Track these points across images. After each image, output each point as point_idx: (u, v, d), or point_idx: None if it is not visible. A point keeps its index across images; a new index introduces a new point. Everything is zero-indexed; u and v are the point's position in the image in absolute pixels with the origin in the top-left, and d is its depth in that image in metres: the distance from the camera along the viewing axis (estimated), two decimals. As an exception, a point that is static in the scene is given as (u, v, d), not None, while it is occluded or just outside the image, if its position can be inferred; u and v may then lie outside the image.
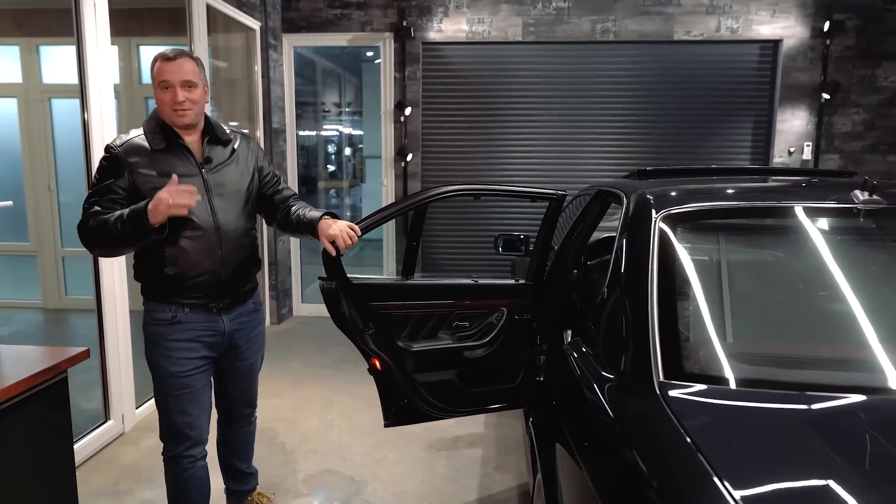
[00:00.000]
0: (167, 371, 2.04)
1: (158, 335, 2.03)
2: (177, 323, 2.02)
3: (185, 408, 2.06)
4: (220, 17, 4.46)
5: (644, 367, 1.33)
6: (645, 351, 1.36)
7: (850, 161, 5.05)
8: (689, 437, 1.10)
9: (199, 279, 2.00)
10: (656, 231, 1.65)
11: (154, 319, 2.03)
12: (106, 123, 3.08)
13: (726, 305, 1.48)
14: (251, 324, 2.21)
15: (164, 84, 1.92)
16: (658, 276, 1.51)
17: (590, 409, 1.43)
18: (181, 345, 2.03)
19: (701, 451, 1.06)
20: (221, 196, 2.04)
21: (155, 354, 2.05)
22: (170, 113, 1.94)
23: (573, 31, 5.09)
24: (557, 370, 1.80)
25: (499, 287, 2.66)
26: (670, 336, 1.38)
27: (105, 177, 1.94)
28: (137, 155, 1.94)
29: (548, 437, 1.62)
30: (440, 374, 2.51)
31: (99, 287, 3.14)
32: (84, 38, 2.96)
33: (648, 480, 1.09)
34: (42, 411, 1.92)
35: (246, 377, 2.28)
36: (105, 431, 3.14)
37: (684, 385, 1.28)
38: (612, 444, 1.26)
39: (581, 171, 5.30)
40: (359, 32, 5.25)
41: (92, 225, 1.90)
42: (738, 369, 1.32)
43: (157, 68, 1.93)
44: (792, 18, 4.95)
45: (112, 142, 1.99)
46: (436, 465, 2.98)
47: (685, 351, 1.36)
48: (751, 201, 1.72)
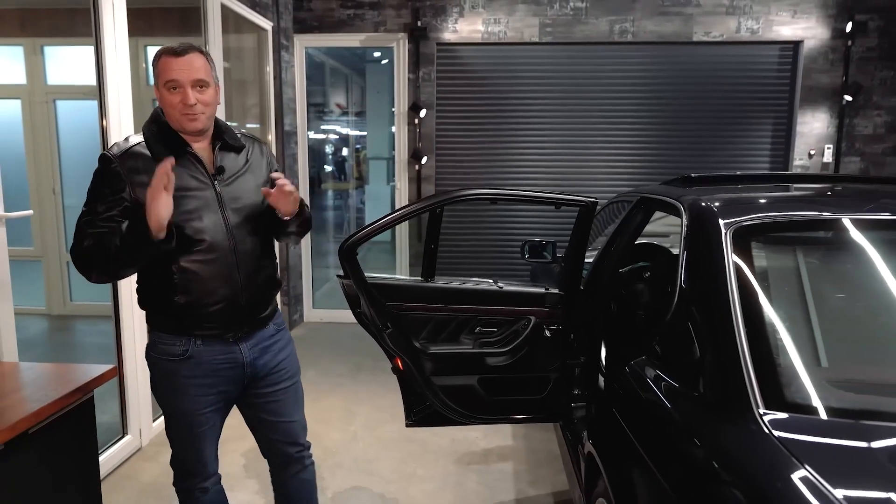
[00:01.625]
0: (178, 409, 1.80)
1: (169, 371, 1.77)
2: (189, 358, 1.75)
3: (197, 445, 1.85)
4: (232, 17, 4.35)
5: (741, 396, 1.24)
6: (738, 379, 1.27)
7: (871, 164, 4.98)
8: (819, 480, 1.00)
9: (214, 308, 1.72)
10: (728, 245, 1.56)
11: (163, 353, 1.77)
12: (124, 126, 2.97)
13: (815, 327, 1.39)
14: (274, 348, 1.90)
15: (171, 84, 1.62)
16: (739, 295, 1.42)
17: (678, 438, 1.34)
18: (195, 381, 1.77)
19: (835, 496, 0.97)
20: (237, 211, 1.75)
21: (164, 390, 1.80)
22: (179, 118, 1.65)
23: (591, 31, 5.00)
24: (622, 390, 1.70)
25: (525, 295, 2.59)
26: (764, 362, 1.29)
27: (100, 190, 1.65)
28: (138, 165, 1.65)
29: (620, 463, 1.52)
30: (460, 378, 2.45)
31: (116, 294, 3.03)
32: (102, 38, 2.85)
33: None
34: (69, 435, 1.82)
35: (281, 409, 1.94)
36: (123, 447, 3.03)
37: (792, 417, 1.19)
38: (714, 481, 1.17)
39: (598, 175, 5.22)
40: (372, 33, 5.14)
41: (87, 245, 1.61)
42: (845, 399, 1.23)
43: (163, 65, 1.63)
44: (813, 19, 4.87)
45: (108, 149, 1.69)
46: (467, 480, 2.89)
47: (783, 379, 1.27)
48: (830, 212, 1.64)
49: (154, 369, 1.82)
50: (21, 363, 2.08)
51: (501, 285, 2.57)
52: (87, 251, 1.62)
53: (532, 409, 2.59)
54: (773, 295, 1.46)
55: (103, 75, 2.88)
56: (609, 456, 1.62)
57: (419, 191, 5.24)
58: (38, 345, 4.76)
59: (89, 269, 1.65)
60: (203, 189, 1.71)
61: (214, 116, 1.77)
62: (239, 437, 3.23)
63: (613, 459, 1.58)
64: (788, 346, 1.34)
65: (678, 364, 1.52)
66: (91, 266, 1.64)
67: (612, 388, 1.77)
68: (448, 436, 3.27)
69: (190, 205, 1.68)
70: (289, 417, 1.96)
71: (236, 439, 3.21)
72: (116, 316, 3.05)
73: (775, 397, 1.23)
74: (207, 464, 1.90)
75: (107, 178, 1.65)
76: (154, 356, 1.80)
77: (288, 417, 1.96)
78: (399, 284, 2.44)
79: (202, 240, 1.69)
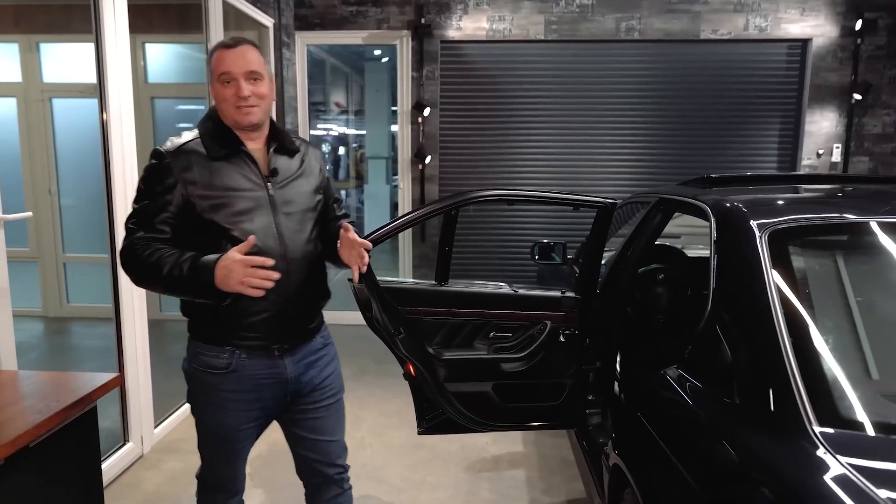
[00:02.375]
0: (216, 423, 1.72)
1: (209, 385, 1.69)
2: (232, 372, 1.66)
3: (231, 461, 1.79)
4: (233, 13, 4.26)
5: (791, 411, 1.17)
6: (787, 392, 1.20)
7: (880, 164, 4.93)
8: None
9: (260, 315, 1.64)
10: (765, 250, 1.49)
11: (204, 366, 1.68)
12: (125, 124, 2.88)
13: (862, 336, 1.32)
14: (320, 363, 1.80)
15: (224, 76, 1.59)
16: (781, 303, 1.35)
17: (721, 454, 1.27)
18: (236, 396, 1.68)
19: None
20: (289, 216, 1.67)
21: (203, 404, 1.73)
22: (232, 111, 1.61)
23: (597, 29, 4.93)
24: (653, 401, 1.63)
25: (541, 298, 2.52)
26: (813, 375, 1.22)
27: (152, 189, 1.60)
28: (192, 163, 1.60)
29: (654, 478, 1.45)
30: (474, 385, 2.39)
31: (117, 295, 2.94)
32: (103, 34, 2.76)
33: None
34: (71, 447, 1.74)
35: (323, 427, 1.83)
36: (125, 455, 2.94)
37: (848, 434, 1.12)
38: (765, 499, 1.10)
39: (604, 174, 5.15)
40: (375, 30, 5.06)
41: (140, 256, 1.55)
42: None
43: (217, 59, 1.61)
44: (822, 17, 4.82)
45: (161, 146, 1.63)
46: (479, 488, 2.82)
47: (835, 392, 1.20)
48: (869, 214, 1.57)
49: (193, 382, 1.73)
50: (20, 371, 2.00)
51: (517, 288, 2.50)
52: (136, 264, 1.57)
53: (547, 415, 2.53)
54: (816, 302, 1.39)
55: (104, 72, 2.79)
56: (640, 469, 1.54)
57: (423, 191, 5.17)
58: (35, 348, 4.66)
59: (135, 280, 1.61)
60: (255, 190, 1.64)
61: (269, 113, 1.72)
62: (243, 443, 3.16)
63: (646, 474, 1.51)
64: (837, 357, 1.27)
65: (716, 375, 1.45)
66: (137, 279, 1.61)
67: (640, 397, 1.70)
68: (457, 442, 3.20)
69: (240, 205, 1.61)
70: (330, 436, 1.85)
71: (240, 446, 3.14)
72: (117, 319, 2.96)
73: (827, 412, 1.16)
74: (237, 480, 1.84)
75: (158, 174, 1.60)
76: (194, 367, 1.71)
77: (329, 436, 1.85)
78: (412, 288, 2.37)
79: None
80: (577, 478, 2.86)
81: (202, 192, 1.59)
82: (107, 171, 2.85)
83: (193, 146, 1.62)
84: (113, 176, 2.84)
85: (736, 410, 1.33)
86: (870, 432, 1.15)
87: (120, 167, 2.87)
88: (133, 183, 2.96)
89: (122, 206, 2.88)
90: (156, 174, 1.60)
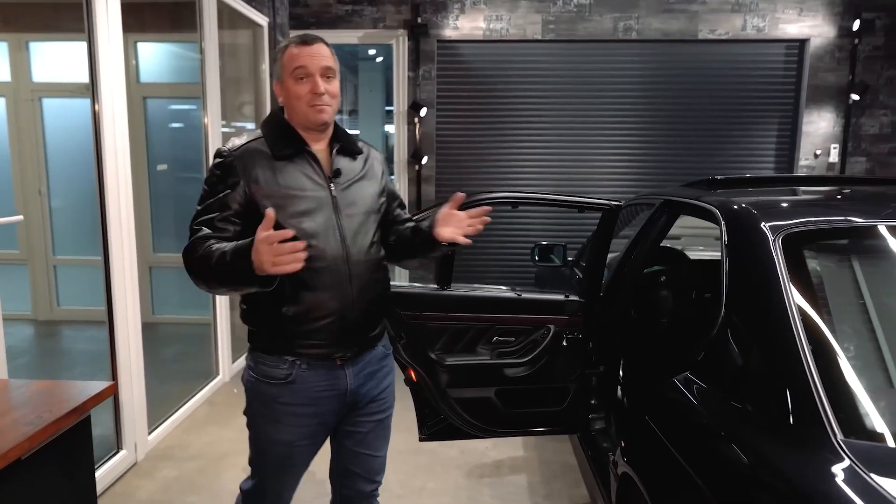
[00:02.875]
0: (272, 438, 1.66)
1: (267, 396, 1.62)
2: (291, 383, 1.60)
3: (283, 478, 1.71)
4: (227, 12, 4.20)
5: (814, 422, 1.14)
6: (809, 402, 1.16)
7: (877, 164, 4.93)
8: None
9: (323, 322, 1.57)
10: (780, 254, 1.45)
11: (264, 376, 1.62)
12: (118, 124, 2.82)
13: (883, 344, 1.29)
14: (379, 374, 1.74)
15: (299, 72, 1.54)
16: (798, 310, 1.31)
17: (741, 464, 1.23)
18: (294, 409, 1.62)
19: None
20: (351, 217, 1.61)
21: (259, 417, 1.66)
22: (306, 110, 1.56)
23: (595, 28, 4.90)
24: (667, 409, 1.59)
25: (545, 302, 2.49)
26: (835, 384, 1.18)
27: (215, 189, 1.55)
28: (255, 162, 1.55)
29: (669, 489, 1.41)
30: (477, 390, 2.35)
31: (110, 299, 2.88)
32: (96, 32, 2.70)
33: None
34: (64, 459, 1.68)
35: (370, 441, 1.77)
36: (118, 463, 2.88)
37: (875, 446, 1.08)
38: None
39: (602, 174, 5.12)
40: (370, 29, 5.00)
41: (198, 256, 1.50)
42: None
43: (290, 54, 1.56)
44: (819, 17, 4.81)
45: (225, 145, 1.60)
46: (481, 494, 2.77)
47: (859, 403, 1.17)
48: (886, 218, 1.54)
49: (251, 394, 1.67)
50: (11, 381, 1.93)
51: (520, 292, 2.46)
52: (196, 264, 1.51)
53: (551, 421, 2.49)
54: (833, 308, 1.36)
55: (96, 72, 2.73)
56: (653, 480, 1.50)
57: (419, 192, 5.12)
58: (25, 353, 4.57)
59: (198, 282, 1.54)
60: (318, 190, 1.59)
61: (335, 114, 1.68)
62: (240, 450, 3.10)
63: (660, 484, 1.47)
64: (858, 365, 1.24)
65: (732, 382, 1.41)
66: (199, 281, 1.54)
67: (651, 404, 1.66)
68: (457, 447, 3.15)
69: (302, 205, 1.56)
70: (375, 451, 1.79)
71: (237, 453, 3.08)
72: (111, 322, 2.90)
73: (851, 423, 1.13)
74: (285, 496, 1.76)
75: (222, 174, 1.56)
76: (253, 378, 1.65)
77: (374, 451, 1.79)
78: (415, 293, 2.33)
79: (313, 245, 1.52)
80: (580, 483, 2.82)
81: (266, 190, 1.54)
82: (99, 172, 2.79)
83: (257, 145, 1.58)
84: (106, 177, 2.78)
85: (754, 419, 1.29)
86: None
87: (113, 168, 2.81)
88: (127, 184, 2.90)
89: (115, 207, 2.82)
90: (220, 173, 1.56)
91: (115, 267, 2.86)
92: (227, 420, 3.46)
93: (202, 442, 3.23)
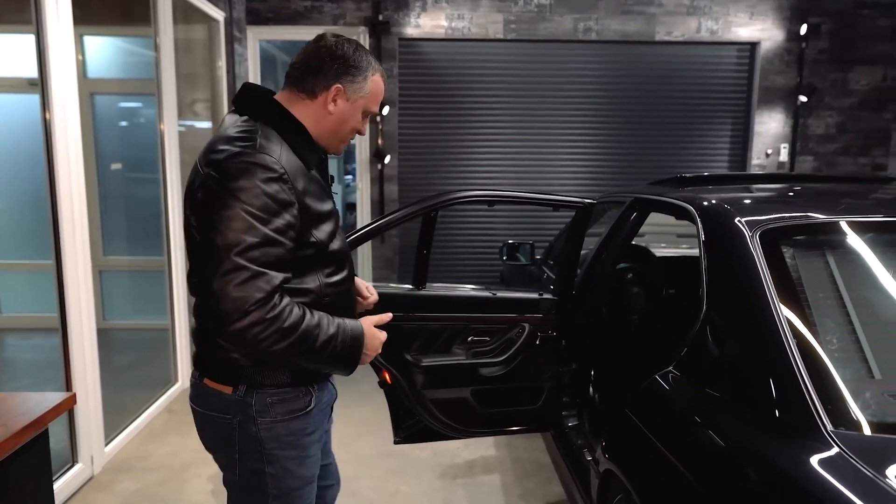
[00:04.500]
0: (304, 478, 1.43)
1: (296, 432, 1.39)
2: (312, 409, 1.41)
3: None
4: (181, 6, 4.05)
5: (804, 414, 1.16)
6: (798, 395, 1.18)
7: (823, 163, 5.13)
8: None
9: None
10: (759, 250, 1.48)
11: (287, 413, 1.37)
12: (70, 122, 2.68)
13: (861, 336, 1.33)
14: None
15: (372, 107, 1.42)
16: (781, 306, 1.34)
17: (733, 459, 1.24)
18: (315, 437, 1.44)
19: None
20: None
21: (288, 462, 1.38)
22: (339, 139, 1.41)
23: (555, 29, 4.94)
24: (650, 405, 1.60)
25: (519, 301, 2.49)
26: (821, 376, 1.21)
27: (276, 213, 1.23)
28: (298, 175, 1.30)
29: (657, 487, 1.42)
30: (453, 391, 2.33)
31: (64, 305, 2.73)
32: (45, 24, 2.55)
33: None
34: (21, 475, 1.58)
35: (329, 443, 1.65)
36: (73, 477, 2.74)
37: (864, 436, 1.11)
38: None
39: (562, 173, 5.17)
40: (330, 26, 4.92)
41: (290, 325, 1.22)
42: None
43: (379, 86, 1.41)
44: (769, 21, 4.97)
45: (264, 154, 1.25)
46: (454, 496, 2.75)
47: (846, 394, 1.19)
48: (860, 213, 1.58)
49: (271, 441, 1.37)
50: (-40, 394, 1.81)
51: (495, 291, 2.45)
52: (291, 334, 1.22)
53: (526, 420, 2.50)
54: (813, 303, 1.39)
55: (45, 66, 2.58)
56: (639, 476, 1.51)
57: (382, 191, 5.06)
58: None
59: (278, 349, 1.23)
60: (330, 200, 1.41)
61: None
62: (202, 460, 2.99)
63: (646, 480, 1.48)
64: (841, 358, 1.27)
65: (716, 377, 1.43)
66: (282, 349, 1.24)
67: (633, 401, 1.67)
68: (429, 448, 3.12)
69: (335, 223, 1.40)
70: (331, 458, 1.68)
71: (201, 463, 2.97)
72: (64, 329, 2.75)
73: (840, 414, 1.15)
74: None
75: (284, 194, 1.25)
76: (270, 421, 1.36)
77: (331, 458, 1.68)
78: (388, 293, 2.29)
79: (343, 266, 1.42)
80: (553, 480, 2.83)
81: (313, 210, 1.31)
82: (50, 172, 2.64)
83: (293, 157, 1.31)
84: (57, 177, 2.64)
85: (741, 413, 1.31)
86: (881, 433, 1.14)
87: (65, 167, 2.66)
88: (80, 184, 2.76)
89: (67, 209, 2.68)
90: (282, 192, 1.25)
91: (68, 271, 2.71)
92: (188, 429, 3.33)
93: (163, 452, 3.10)
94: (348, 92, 1.37)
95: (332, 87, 1.35)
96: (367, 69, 1.39)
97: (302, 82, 1.37)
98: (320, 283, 1.35)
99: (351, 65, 1.36)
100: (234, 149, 1.26)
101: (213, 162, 1.27)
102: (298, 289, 1.31)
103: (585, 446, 2.38)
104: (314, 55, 1.37)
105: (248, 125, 1.32)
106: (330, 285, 1.38)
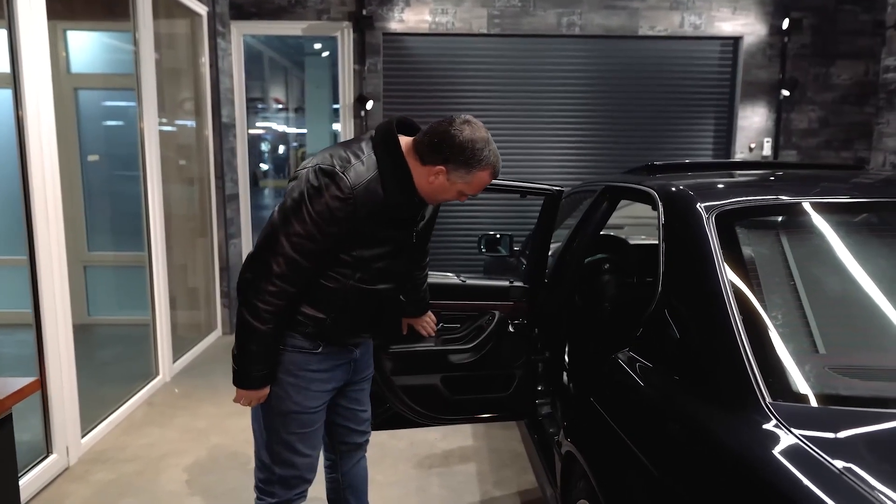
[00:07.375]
0: (301, 406, 1.74)
1: (296, 363, 1.71)
2: (317, 353, 1.73)
3: (312, 444, 1.80)
4: (163, 0, 4.06)
5: (744, 387, 1.17)
6: (740, 369, 1.20)
7: (806, 157, 5.16)
8: (847, 477, 0.93)
9: (352, 340, 1.83)
10: (713, 231, 1.49)
11: (294, 347, 1.71)
12: (44, 116, 2.68)
13: (808, 313, 1.34)
14: (369, 342, 1.99)
15: (470, 194, 1.63)
16: (730, 283, 1.35)
17: (679, 433, 1.26)
18: (319, 375, 1.75)
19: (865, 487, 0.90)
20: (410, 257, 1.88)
21: (287, 386, 1.71)
22: (433, 200, 1.68)
23: (539, 23, 4.96)
24: (606, 386, 1.62)
25: (490, 288, 2.50)
26: (764, 351, 1.22)
27: (326, 227, 1.51)
28: (370, 204, 1.53)
29: (610, 463, 1.43)
30: (422, 377, 2.34)
31: (37, 297, 2.73)
32: (16, 17, 2.55)
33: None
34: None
35: (362, 398, 1.99)
36: (48, 467, 2.74)
37: (802, 407, 1.12)
38: (725, 476, 1.09)
39: (546, 166, 5.19)
40: (315, 21, 4.93)
41: (256, 321, 1.60)
42: (852, 386, 1.18)
43: (482, 180, 1.59)
44: (752, 16, 5.00)
45: (343, 172, 1.49)
46: (430, 485, 2.76)
47: (786, 368, 1.20)
48: (812, 195, 1.60)
49: (280, 365, 1.71)
50: (-80, 379, 1.81)
51: (464, 279, 2.46)
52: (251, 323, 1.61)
53: (497, 407, 2.50)
54: (763, 281, 1.40)
55: (18, 62, 2.57)
56: (594, 454, 1.52)
57: (366, 186, 5.06)
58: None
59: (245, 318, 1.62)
60: (406, 238, 1.72)
61: None
62: (180, 451, 3.00)
63: (600, 458, 1.49)
64: (785, 334, 1.28)
65: (668, 355, 1.44)
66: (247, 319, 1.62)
67: (592, 382, 1.68)
68: (406, 438, 3.13)
69: (388, 247, 1.67)
70: (365, 407, 2.01)
71: (178, 453, 2.98)
72: (38, 323, 2.75)
73: (779, 386, 1.16)
74: (314, 469, 1.84)
75: (341, 214, 1.51)
76: (286, 348, 1.71)
77: (364, 407, 2.00)
78: None
79: (387, 283, 1.73)
80: (528, 469, 2.84)
81: (368, 234, 1.59)
82: (23, 167, 2.63)
83: (375, 186, 1.53)
84: (30, 172, 2.63)
85: (688, 388, 1.32)
86: (820, 404, 1.15)
87: (38, 162, 2.66)
88: (54, 179, 2.76)
89: (41, 204, 2.68)
90: (339, 212, 1.51)
91: (42, 266, 2.71)
92: (167, 420, 3.34)
93: (140, 444, 3.10)
94: (450, 175, 1.56)
95: (437, 167, 1.55)
96: (476, 166, 1.55)
97: (420, 146, 1.56)
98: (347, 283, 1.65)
99: (463, 157, 1.53)
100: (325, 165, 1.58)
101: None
102: (330, 275, 1.63)
103: (557, 434, 2.40)
104: (438, 133, 1.54)
105: (361, 152, 1.57)
106: (355, 288, 1.66)
